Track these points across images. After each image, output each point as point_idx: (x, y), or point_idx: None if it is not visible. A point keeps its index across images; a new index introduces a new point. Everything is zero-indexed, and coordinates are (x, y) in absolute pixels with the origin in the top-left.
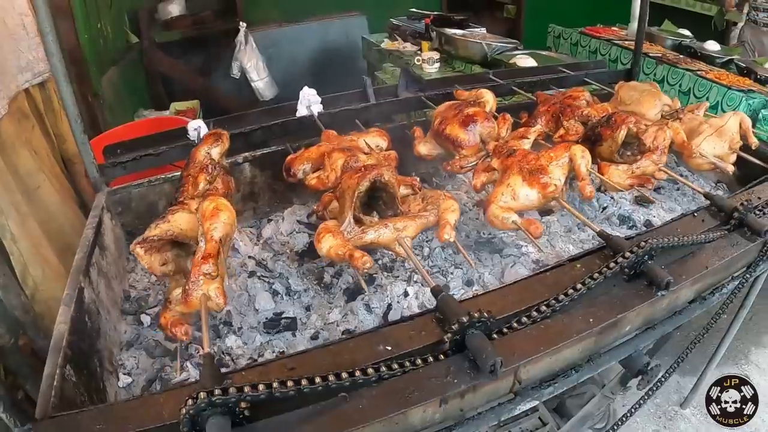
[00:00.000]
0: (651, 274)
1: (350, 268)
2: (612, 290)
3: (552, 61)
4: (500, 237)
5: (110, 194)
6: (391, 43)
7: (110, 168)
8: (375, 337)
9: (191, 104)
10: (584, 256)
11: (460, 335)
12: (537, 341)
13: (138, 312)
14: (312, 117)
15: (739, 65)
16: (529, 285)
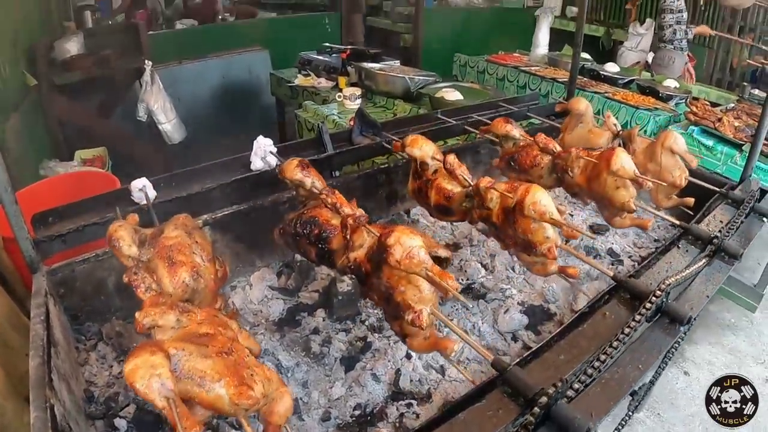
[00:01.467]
0: (672, 312)
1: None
2: (643, 333)
3: (477, 94)
4: (480, 282)
5: (50, 274)
6: (305, 79)
7: (48, 243)
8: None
9: (98, 152)
10: (601, 300)
11: (547, 408)
12: (605, 396)
13: (109, 415)
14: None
15: (641, 85)
16: (573, 341)
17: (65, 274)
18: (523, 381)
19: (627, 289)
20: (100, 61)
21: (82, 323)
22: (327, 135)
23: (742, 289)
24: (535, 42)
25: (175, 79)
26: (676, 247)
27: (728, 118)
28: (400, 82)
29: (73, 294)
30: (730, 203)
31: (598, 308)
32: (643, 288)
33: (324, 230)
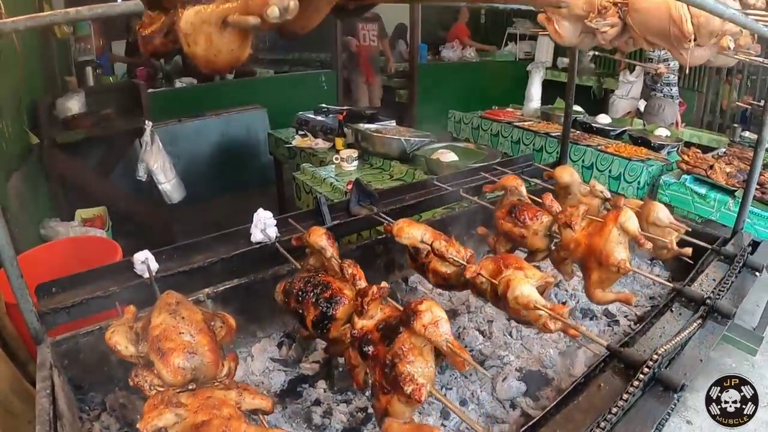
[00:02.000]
0: (666, 380)
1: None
2: (637, 402)
3: (472, 154)
4: (478, 349)
5: (55, 346)
6: (302, 140)
7: (52, 315)
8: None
9: (98, 211)
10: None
11: None
12: None
13: None
14: (272, 245)
15: (633, 135)
16: (569, 414)
17: (69, 345)
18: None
19: (621, 359)
20: (100, 120)
21: (85, 393)
22: (325, 207)
23: (741, 333)
24: (528, 96)
25: (174, 137)
26: (670, 310)
27: (719, 164)
28: (396, 144)
29: (76, 365)
30: (723, 259)
31: (593, 378)
32: (636, 357)
33: (335, 296)
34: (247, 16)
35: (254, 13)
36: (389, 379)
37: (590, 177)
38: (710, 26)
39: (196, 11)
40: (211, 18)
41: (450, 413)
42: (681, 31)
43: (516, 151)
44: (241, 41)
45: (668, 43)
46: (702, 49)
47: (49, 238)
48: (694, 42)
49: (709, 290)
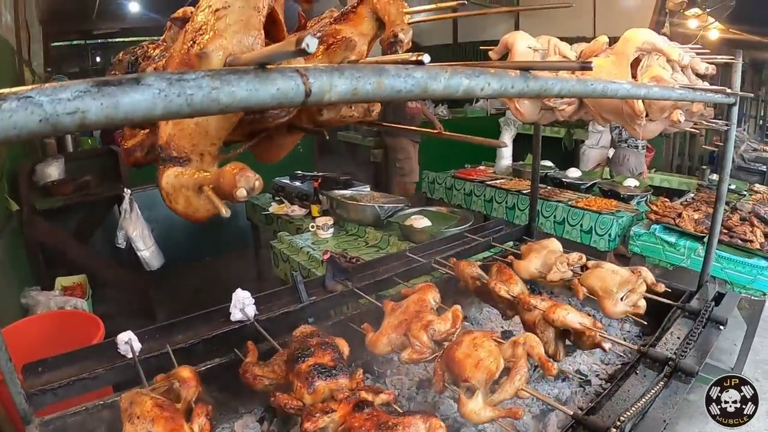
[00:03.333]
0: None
1: None
2: None
3: (445, 219)
4: (453, 417)
5: (43, 426)
6: (279, 206)
7: (40, 396)
8: None
9: (78, 279)
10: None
11: None
12: None
13: None
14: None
15: (602, 188)
16: None
17: (57, 425)
18: None
19: (586, 427)
20: (80, 186)
21: None
22: (301, 284)
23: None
24: (499, 154)
25: (152, 202)
26: (635, 372)
27: (687, 212)
28: (370, 210)
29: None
30: (688, 315)
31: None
32: (600, 425)
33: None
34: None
35: (225, 191)
36: None
37: (562, 232)
38: (660, 103)
39: (175, 174)
40: (188, 184)
41: None
42: (633, 110)
43: (489, 209)
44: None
45: (622, 119)
46: (654, 124)
47: (30, 307)
48: (646, 118)
49: (674, 349)
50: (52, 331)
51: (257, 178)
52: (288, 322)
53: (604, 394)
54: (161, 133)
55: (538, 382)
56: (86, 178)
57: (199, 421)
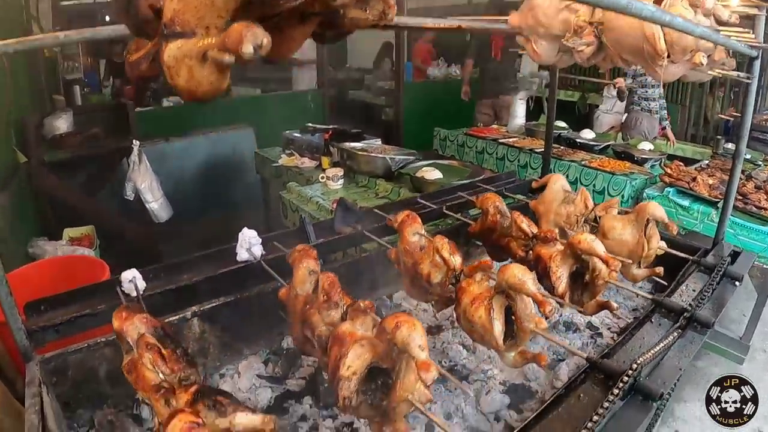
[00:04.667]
0: (645, 389)
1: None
2: (617, 412)
3: (456, 172)
4: (462, 364)
5: (43, 363)
6: (288, 159)
7: (41, 333)
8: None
9: (86, 230)
10: (576, 381)
11: None
12: None
13: None
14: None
15: (616, 150)
16: (549, 425)
17: (58, 363)
18: None
19: (600, 370)
20: (88, 139)
21: (73, 411)
22: (310, 226)
23: (728, 342)
24: (512, 113)
25: (161, 156)
26: (650, 321)
27: (702, 177)
28: (381, 162)
29: (65, 382)
30: (703, 270)
31: (574, 389)
32: (615, 368)
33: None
34: (224, 52)
35: (231, 49)
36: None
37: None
38: (683, 43)
39: (178, 45)
40: (192, 52)
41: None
42: (654, 48)
43: (501, 168)
44: (219, 74)
45: (643, 60)
46: (676, 66)
47: (37, 256)
48: (668, 59)
49: (689, 301)
50: (57, 276)
51: (265, 35)
52: None
53: (619, 341)
54: (165, 11)
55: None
56: (95, 130)
57: None
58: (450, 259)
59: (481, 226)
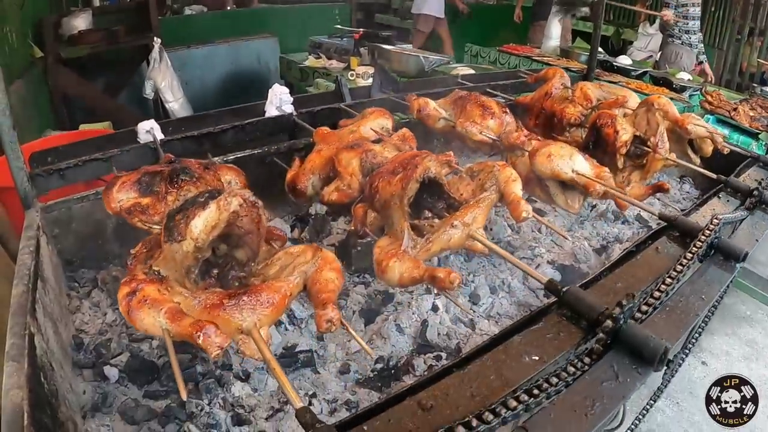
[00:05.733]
0: (726, 248)
1: (356, 287)
2: (700, 268)
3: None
4: (506, 241)
5: (45, 211)
6: (316, 61)
7: (44, 177)
8: (511, 348)
9: (102, 126)
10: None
11: (615, 328)
12: (673, 323)
13: (98, 363)
14: (289, 116)
15: (654, 77)
16: (628, 271)
17: (61, 212)
18: (585, 301)
19: (676, 227)
20: (108, 36)
21: (76, 270)
22: (346, 87)
23: (757, 281)
24: (547, 34)
25: (183, 63)
26: (717, 197)
27: (743, 107)
28: (415, 61)
29: (68, 236)
30: (762, 166)
31: (645, 247)
32: (693, 225)
33: None
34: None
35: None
36: None
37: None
38: None
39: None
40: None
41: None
42: None
43: None
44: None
45: None
46: None
47: None
48: None
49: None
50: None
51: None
52: (330, 119)
53: (686, 211)
54: None
55: (596, 221)
56: (115, 27)
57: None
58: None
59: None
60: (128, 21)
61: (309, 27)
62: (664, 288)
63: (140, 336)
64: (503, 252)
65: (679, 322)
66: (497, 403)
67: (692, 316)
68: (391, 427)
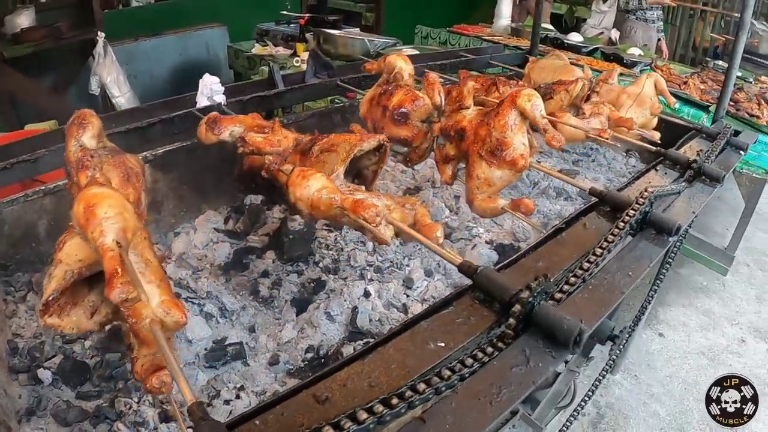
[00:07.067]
0: (658, 222)
1: (290, 275)
2: (630, 243)
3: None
4: (444, 222)
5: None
6: (262, 48)
7: None
8: (417, 335)
9: (48, 125)
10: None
11: (527, 310)
12: (596, 301)
13: (33, 367)
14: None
15: (605, 53)
16: (552, 249)
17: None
18: (497, 283)
19: (607, 202)
20: (51, 32)
21: (11, 274)
22: (278, 74)
23: (713, 252)
24: (497, 13)
25: (131, 56)
26: (654, 170)
27: (694, 81)
28: (360, 44)
29: (1, 240)
30: (705, 137)
31: (575, 223)
32: (624, 198)
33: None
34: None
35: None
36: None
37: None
38: None
39: None
40: None
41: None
42: None
43: None
44: None
45: None
46: None
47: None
48: None
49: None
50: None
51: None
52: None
53: (623, 185)
54: None
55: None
56: (58, 23)
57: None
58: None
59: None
60: (71, 16)
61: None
62: (587, 266)
63: (73, 337)
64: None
65: (602, 301)
66: (391, 394)
67: (617, 293)
68: (284, 421)
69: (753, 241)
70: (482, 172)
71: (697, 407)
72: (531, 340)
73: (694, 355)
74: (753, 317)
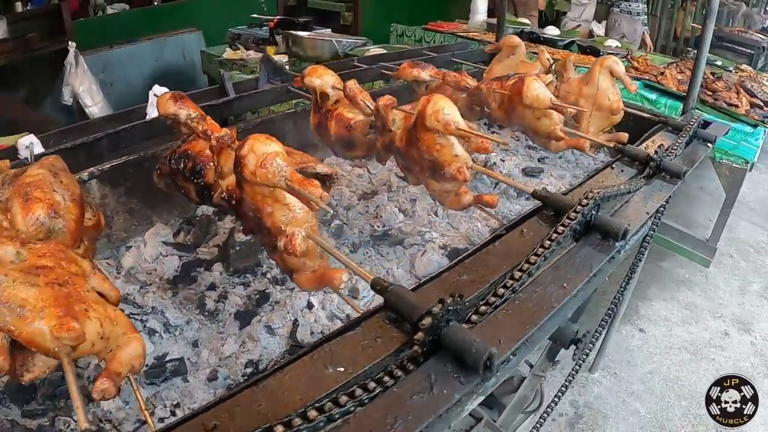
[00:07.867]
0: (604, 225)
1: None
2: (571, 250)
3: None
4: (397, 227)
5: None
6: (233, 52)
7: None
8: (317, 360)
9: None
10: (522, 221)
11: (434, 331)
12: (520, 320)
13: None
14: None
15: (582, 45)
16: (479, 260)
17: None
18: (407, 301)
19: (549, 205)
20: (21, 44)
21: None
22: (229, 82)
23: (694, 244)
24: (473, 9)
25: (106, 64)
26: (610, 167)
27: (671, 71)
28: (328, 45)
29: None
30: (671, 130)
31: (514, 227)
32: (567, 201)
33: (198, 162)
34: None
35: None
36: (265, 236)
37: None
38: None
39: None
40: None
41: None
42: None
43: None
44: None
45: None
46: None
47: None
48: None
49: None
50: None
51: None
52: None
53: (573, 186)
54: None
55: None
56: (29, 35)
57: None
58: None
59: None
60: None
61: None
62: (518, 275)
63: None
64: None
65: (527, 318)
66: (277, 423)
67: (546, 309)
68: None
69: (736, 232)
70: (434, 188)
71: (679, 404)
72: (438, 365)
73: (676, 350)
74: (736, 309)
